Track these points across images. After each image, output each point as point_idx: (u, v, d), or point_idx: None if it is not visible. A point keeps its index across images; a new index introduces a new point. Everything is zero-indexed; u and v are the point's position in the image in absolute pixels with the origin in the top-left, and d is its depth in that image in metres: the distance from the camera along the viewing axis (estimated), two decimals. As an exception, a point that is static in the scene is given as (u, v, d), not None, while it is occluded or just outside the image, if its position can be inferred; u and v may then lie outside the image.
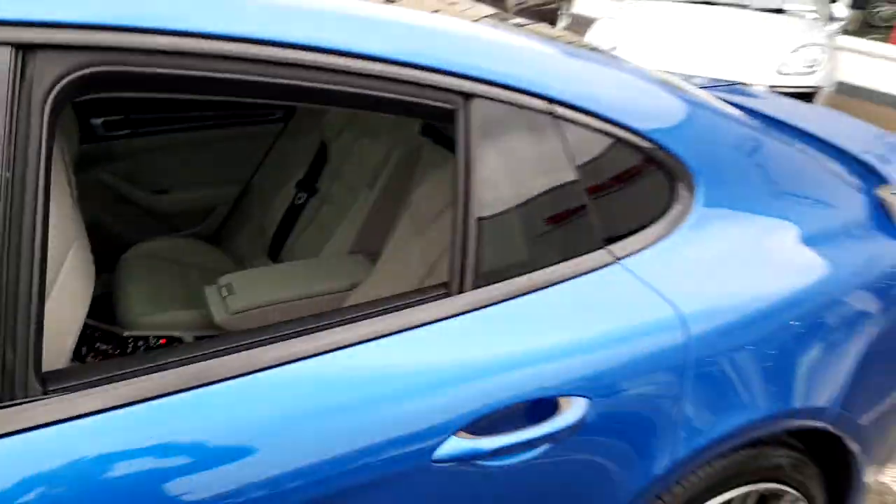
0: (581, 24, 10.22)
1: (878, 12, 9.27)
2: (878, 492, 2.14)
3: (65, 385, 0.77)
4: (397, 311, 0.94)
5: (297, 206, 2.09)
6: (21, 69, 0.75)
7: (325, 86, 0.91)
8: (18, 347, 0.74)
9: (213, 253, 2.13)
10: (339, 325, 0.90)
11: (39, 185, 0.76)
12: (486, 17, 1.30)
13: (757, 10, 5.89)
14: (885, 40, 8.65)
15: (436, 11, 1.14)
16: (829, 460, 1.40)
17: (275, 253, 2.06)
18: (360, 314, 0.92)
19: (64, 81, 0.78)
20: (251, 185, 2.29)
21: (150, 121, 2.16)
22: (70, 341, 0.98)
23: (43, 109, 0.76)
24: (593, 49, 1.40)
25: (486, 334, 0.97)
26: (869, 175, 1.56)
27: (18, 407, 0.74)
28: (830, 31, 5.69)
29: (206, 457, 0.81)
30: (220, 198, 2.28)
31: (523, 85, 1.06)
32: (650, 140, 1.16)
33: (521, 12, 8.71)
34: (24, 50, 0.75)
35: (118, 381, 0.79)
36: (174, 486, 0.79)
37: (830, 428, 1.25)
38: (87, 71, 0.79)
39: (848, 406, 1.27)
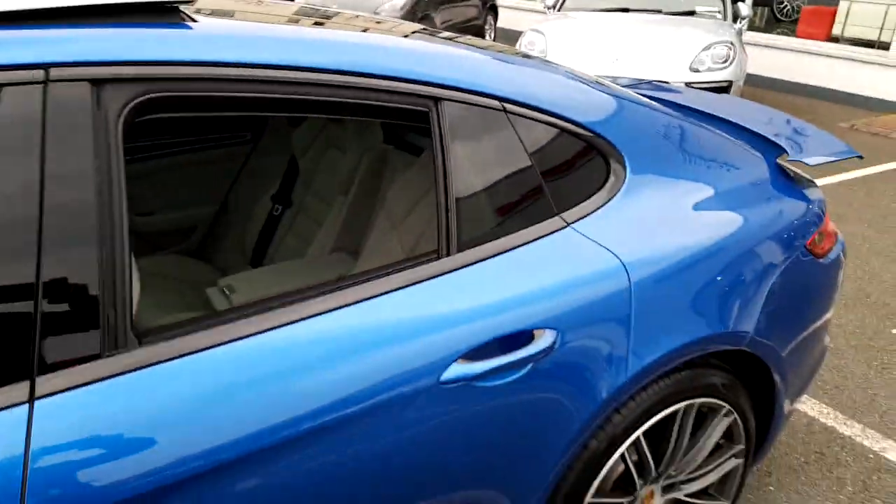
0: (507, 38, 10.59)
1: (784, 7, 9.99)
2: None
3: (155, 337, 0.98)
4: (399, 271, 1.18)
5: (274, 217, 2.29)
6: (97, 99, 0.97)
7: (329, 98, 1.15)
8: (118, 308, 0.95)
9: (199, 266, 2.30)
10: (358, 284, 1.13)
11: (122, 184, 0.97)
12: (421, 30, 1.56)
13: (669, 14, 6.37)
14: (791, 34, 9.34)
15: (365, 30, 1.38)
16: (756, 386, 1.69)
17: (257, 262, 2.25)
18: (371, 276, 1.16)
19: (129, 106, 0.99)
20: (228, 201, 2.48)
21: (129, 150, 2.33)
22: (136, 310, 1.18)
23: (116, 128, 0.98)
24: (530, 56, 1.67)
25: (473, 285, 1.22)
26: (772, 148, 1.88)
27: (122, 355, 0.95)
28: (737, 29, 6.20)
29: (275, 386, 1.03)
30: (200, 216, 2.46)
31: (479, 88, 1.32)
32: (586, 128, 1.44)
33: (449, 30, 9.05)
34: (96, 84, 0.97)
35: (198, 331, 1.00)
36: (256, 413, 1.01)
37: (748, 349, 1.54)
38: (145, 97, 1.01)
39: (761, 334, 1.56)
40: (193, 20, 1.11)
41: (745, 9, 6.35)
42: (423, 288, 1.18)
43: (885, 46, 8.00)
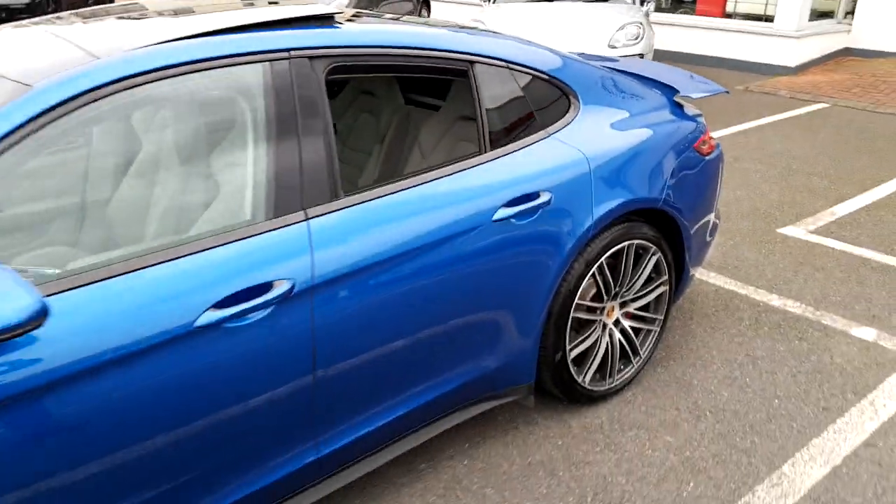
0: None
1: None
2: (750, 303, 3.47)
3: (353, 196, 1.83)
4: (457, 162, 2.05)
5: None
6: (310, 68, 1.80)
7: (422, 64, 2.02)
8: (335, 178, 1.79)
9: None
10: (433, 170, 2.00)
11: (328, 111, 1.80)
12: (445, 22, 2.44)
13: (587, 1, 7.39)
14: (692, 12, 10.56)
15: (423, 24, 2.26)
16: (672, 238, 2.64)
17: None
18: (446, 165, 2.03)
19: (326, 70, 1.83)
20: None
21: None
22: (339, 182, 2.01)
23: (321, 82, 1.81)
24: (508, 35, 2.56)
25: (503, 167, 2.11)
26: (670, 90, 2.83)
27: (341, 201, 1.79)
28: (645, 10, 7.27)
29: (413, 219, 1.88)
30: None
31: (492, 55, 2.21)
32: (553, 77, 2.35)
33: None
34: (311, 59, 1.81)
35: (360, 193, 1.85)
36: (404, 231, 1.86)
37: (662, 208, 2.48)
38: (336, 63, 1.85)
39: (669, 200, 2.50)
40: (340, 23, 1.96)
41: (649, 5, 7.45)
42: (476, 169, 2.06)
43: (770, 19, 9.27)
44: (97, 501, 1.50)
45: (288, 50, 1.78)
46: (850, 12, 9.83)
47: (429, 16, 12.76)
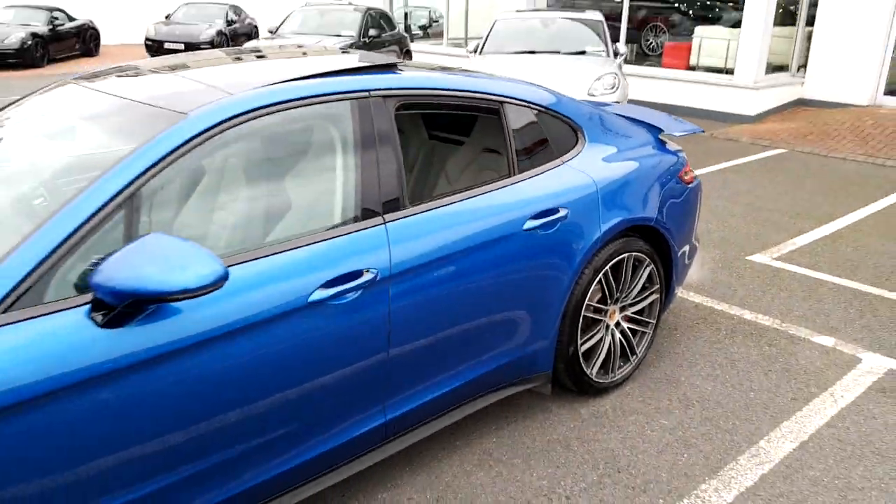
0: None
1: (649, 44, 12.10)
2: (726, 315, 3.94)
3: (417, 206, 2.25)
4: (493, 181, 2.50)
5: None
6: (384, 104, 2.25)
7: (466, 103, 2.48)
8: (404, 191, 2.22)
9: None
10: (474, 188, 2.45)
11: (397, 138, 2.24)
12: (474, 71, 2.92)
13: (567, 54, 8.04)
14: (658, 65, 11.38)
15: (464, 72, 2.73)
16: (662, 254, 3.11)
17: None
18: (479, 185, 2.47)
19: (396, 106, 2.28)
20: None
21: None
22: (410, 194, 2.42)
23: (392, 116, 2.26)
24: (521, 81, 3.04)
25: (529, 186, 2.56)
26: (655, 129, 3.35)
27: (407, 210, 2.22)
28: (618, 63, 7.94)
29: (458, 225, 2.32)
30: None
31: (518, 97, 2.68)
32: (564, 115, 2.83)
33: None
34: (385, 98, 2.26)
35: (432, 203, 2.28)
36: (453, 232, 2.29)
37: (655, 226, 2.96)
38: (403, 101, 2.30)
39: (660, 220, 2.98)
40: (401, 70, 2.43)
41: (622, 48, 8.14)
42: (507, 189, 2.51)
43: (730, 72, 10.08)
44: (234, 436, 1.87)
45: (368, 90, 2.22)
46: (803, 66, 10.72)
47: (411, 64, 13.49)
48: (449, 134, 3.01)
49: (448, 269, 2.28)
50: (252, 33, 20.34)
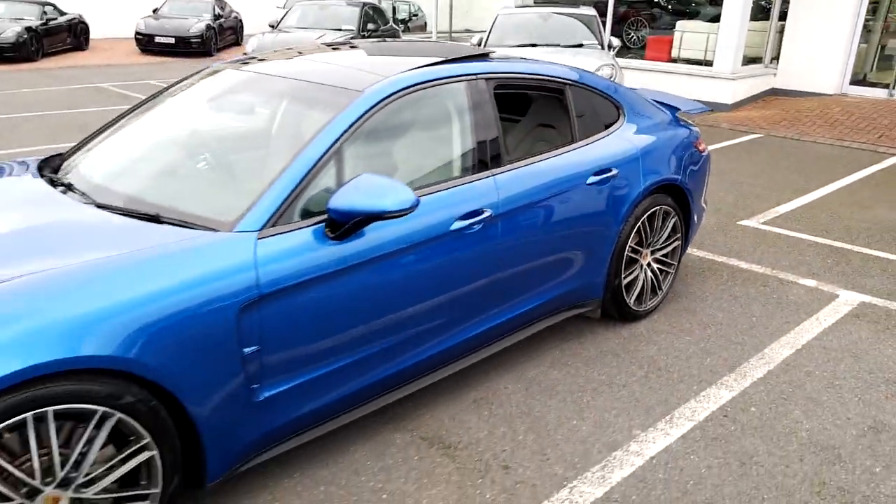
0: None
1: (631, 37, 12.92)
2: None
3: (511, 164, 2.97)
4: (558, 147, 3.23)
5: None
6: (486, 84, 2.96)
7: (539, 83, 3.21)
8: (504, 152, 2.94)
9: None
10: (548, 151, 3.18)
11: (498, 117, 2.95)
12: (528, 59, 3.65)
13: (565, 47, 8.79)
14: (640, 58, 12.20)
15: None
16: (683, 210, 3.87)
17: None
18: (551, 149, 3.20)
19: (494, 86, 2.99)
20: None
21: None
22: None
23: (492, 96, 2.96)
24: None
25: (588, 151, 3.30)
26: (672, 108, 4.11)
27: (505, 167, 2.94)
28: (611, 55, 8.72)
29: (539, 177, 3.04)
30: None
31: (576, 80, 3.42)
32: (609, 95, 3.58)
33: None
34: (487, 80, 2.97)
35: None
36: (535, 182, 3.02)
37: (680, 185, 3.72)
38: (498, 82, 3.01)
39: (684, 180, 3.74)
40: (492, 58, 3.13)
41: (615, 41, 8.93)
42: (573, 152, 3.24)
43: (709, 63, 10.94)
44: (408, 322, 2.57)
45: (476, 74, 2.94)
46: (775, 58, 11.64)
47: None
48: (527, 108, 3.70)
49: (536, 212, 3.00)
50: (238, 27, 20.76)
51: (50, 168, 2.89)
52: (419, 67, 2.81)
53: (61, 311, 1.82)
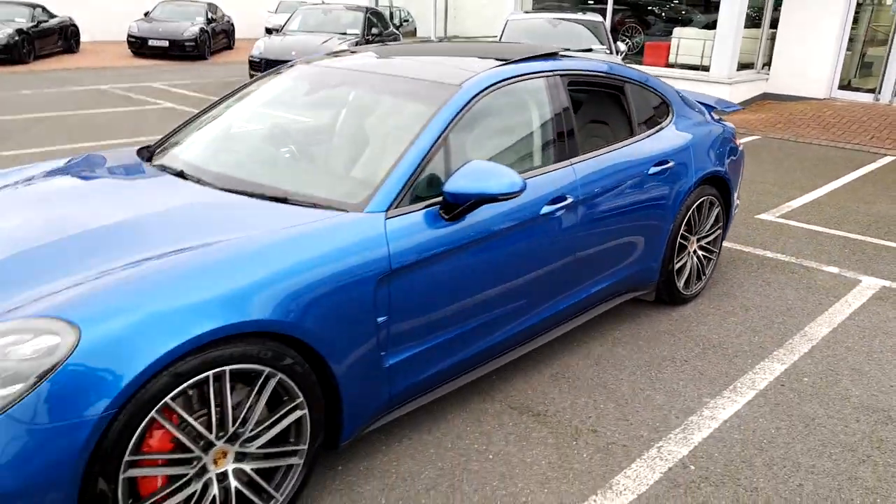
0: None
1: (626, 43, 13.29)
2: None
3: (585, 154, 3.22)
4: (619, 142, 3.48)
5: None
6: (561, 80, 3.19)
7: (603, 81, 3.45)
8: (571, 146, 3.18)
9: None
10: (613, 144, 3.43)
11: (571, 109, 3.19)
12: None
13: (576, 51, 9.07)
14: (635, 62, 12.55)
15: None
16: (725, 199, 4.14)
17: None
18: (613, 143, 3.45)
19: (567, 82, 3.22)
20: None
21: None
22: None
23: (566, 90, 3.20)
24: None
25: (647, 144, 3.55)
26: (711, 107, 4.39)
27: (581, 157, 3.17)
28: (620, 59, 9.03)
29: (614, 167, 3.28)
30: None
31: (635, 78, 3.67)
32: (660, 92, 3.84)
33: None
34: (561, 76, 3.20)
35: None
36: (605, 172, 3.27)
37: (723, 177, 3.99)
38: (570, 79, 3.25)
39: (726, 172, 4.01)
40: (562, 57, 3.37)
41: (622, 46, 9.25)
42: (634, 145, 3.49)
43: (706, 69, 11.32)
44: (505, 298, 2.78)
45: (552, 70, 3.17)
46: (767, 64, 12.07)
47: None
48: (593, 102, 3.94)
49: (608, 199, 3.24)
50: (230, 31, 20.85)
51: (147, 157, 3.07)
52: (505, 64, 3.04)
53: (232, 280, 2.00)
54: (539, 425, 2.85)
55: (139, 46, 17.29)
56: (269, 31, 21.61)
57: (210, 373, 1.93)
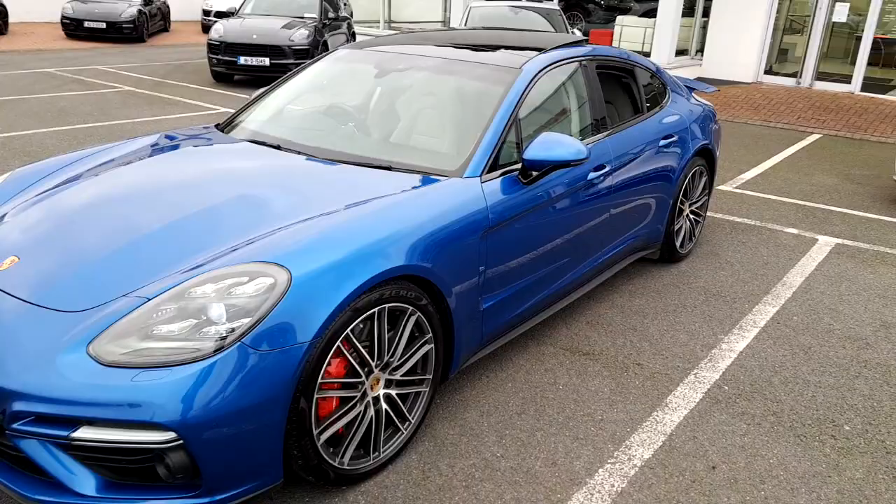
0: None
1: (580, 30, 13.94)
2: (703, 210, 5.70)
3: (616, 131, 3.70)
4: (635, 119, 3.99)
5: None
6: (591, 64, 3.65)
7: (618, 66, 3.94)
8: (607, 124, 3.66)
9: None
10: (631, 120, 3.93)
11: (601, 90, 3.66)
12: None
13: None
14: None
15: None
16: (710, 172, 4.72)
17: None
18: (633, 119, 3.95)
19: (595, 66, 3.69)
20: None
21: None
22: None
23: (595, 73, 3.67)
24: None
25: (655, 120, 4.07)
26: (691, 89, 4.97)
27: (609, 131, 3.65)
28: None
29: (636, 136, 3.78)
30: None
31: (641, 63, 4.19)
32: (660, 76, 4.37)
33: (333, 50, 12.01)
34: (591, 61, 3.67)
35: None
36: (629, 142, 3.77)
37: (709, 148, 4.57)
38: (597, 63, 3.71)
39: (711, 144, 4.60)
40: (585, 44, 3.83)
41: (578, 33, 9.82)
42: (646, 121, 4.01)
43: (647, 54, 12.08)
44: (562, 253, 3.23)
45: (584, 55, 3.63)
46: (700, 50, 12.97)
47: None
48: (611, 83, 4.40)
49: (632, 168, 3.74)
50: (166, 13, 20.32)
51: (225, 130, 3.36)
52: (549, 50, 3.47)
53: (388, 233, 2.37)
54: (591, 362, 3.33)
55: (74, 28, 16.66)
56: (206, 13, 21.18)
57: (375, 309, 2.29)
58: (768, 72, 12.51)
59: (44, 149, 6.82)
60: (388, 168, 2.85)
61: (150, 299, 2.04)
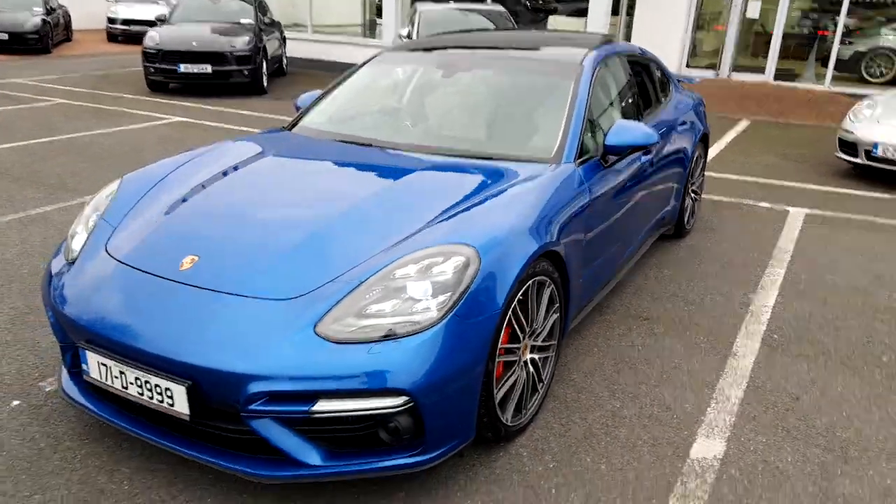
0: (295, 64, 13.43)
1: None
2: (687, 190, 6.25)
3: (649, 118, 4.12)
4: (652, 109, 4.43)
5: None
6: (624, 59, 4.05)
7: (639, 60, 4.36)
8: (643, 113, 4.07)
9: None
10: (652, 107, 4.37)
11: (634, 84, 4.06)
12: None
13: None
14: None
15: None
16: (705, 154, 5.25)
17: None
18: (651, 109, 4.39)
19: (626, 58, 4.09)
20: None
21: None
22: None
23: (628, 68, 4.06)
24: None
25: (670, 108, 4.53)
26: (678, 83, 5.49)
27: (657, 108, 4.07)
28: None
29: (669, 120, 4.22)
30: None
31: (654, 59, 4.63)
32: (665, 71, 4.84)
33: (270, 56, 12.00)
34: (624, 55, 4.07)
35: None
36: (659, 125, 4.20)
37: (706, 132, 5.09)
38: (628, 59, 4.11)
39: (706, 128, 5.12)
40: (613, 41, 4.23)
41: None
42: (667, 108, 4.45)
43: (580, 51, 12.76)
44: (628, 230, 3.59)
45: (618, 52, 4.04)
46: (627, 39, 13.77)
47: (285, 50, 14.47)
48: (635, 75, 4.79)
49: (665, 149, 4.17)
50: (69, 22, 19.42)
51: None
52: (594, 49, 3.84)
53: (533, 215, 2.65)
54: (654, 325, 3.73)
55: (-23, 38, 15.67)
56: (111, 20, 20.36)
57: (530, 282, 2.57)
58: (688, 65, 13.47)
59: (10, 166, 6.57)
60: (489, 159, 3.12)
61: (361, 283, 2.24)
